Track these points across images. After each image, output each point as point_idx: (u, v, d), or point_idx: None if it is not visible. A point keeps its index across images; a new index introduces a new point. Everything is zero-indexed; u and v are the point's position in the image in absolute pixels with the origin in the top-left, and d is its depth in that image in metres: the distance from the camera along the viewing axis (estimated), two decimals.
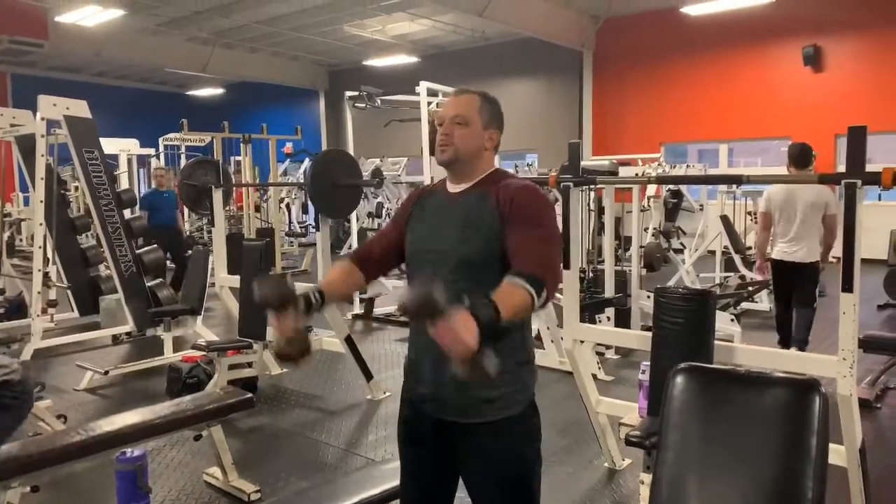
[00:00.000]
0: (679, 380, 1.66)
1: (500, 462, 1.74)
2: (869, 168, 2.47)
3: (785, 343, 5.16)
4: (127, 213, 6.50)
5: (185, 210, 10.73)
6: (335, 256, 6.84)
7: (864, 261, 2.58)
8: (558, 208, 2.86)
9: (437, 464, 1.83)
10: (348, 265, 1.90)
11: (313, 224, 11.38)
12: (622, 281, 5.96)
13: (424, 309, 1.38)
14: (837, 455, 2.62)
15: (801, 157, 4.78)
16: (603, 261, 6.26)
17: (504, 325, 1.44)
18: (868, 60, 11.37)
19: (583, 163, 3.91)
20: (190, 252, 6.80)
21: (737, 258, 7.74)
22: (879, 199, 11.06)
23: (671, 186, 9.63)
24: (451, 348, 1.38)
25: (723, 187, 8.58)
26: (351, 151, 6.24)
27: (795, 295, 5.00)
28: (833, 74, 11.64)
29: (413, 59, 14.95)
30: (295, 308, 1.66)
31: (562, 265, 1.70)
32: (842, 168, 2.54)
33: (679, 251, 8.76)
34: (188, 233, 10.48)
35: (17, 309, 6.83)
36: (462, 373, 1.40)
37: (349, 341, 4.57)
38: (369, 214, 13.35)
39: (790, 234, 4.88)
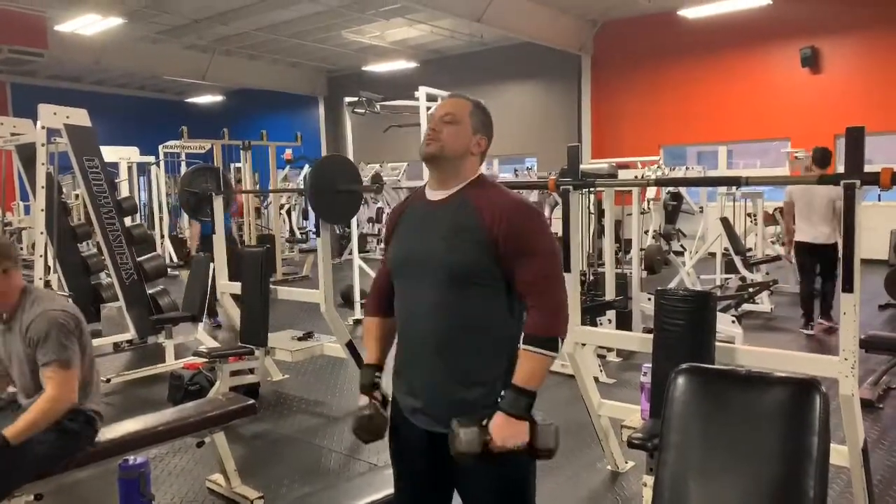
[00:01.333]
0: (680, 381, 1.67)
1: (493, 471, 1.71)
2: (868, 169, 2.47)
3: (808, 318, 6.37)
4: (127, 221, 6.51)
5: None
6: (336, 263, 6.83)
7: (864, 261, 2.59)
8: (558, 212, 2.87)
9: (430, 475, 1.82)
10: (374, 321, 1.94)
11: (314, 230, 11.39)
12: (623, 284, 5.96)
13: (468, 458, 1.61)
14: (840, 455, 2.62)
15: (822, 159, 6.08)
16: (603, 264, 6.26)
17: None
18: (866, 61, 11.40)
19: (582, 166, 3.92)
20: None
21: (737, 260, 7.73)
22: (879, 200, 11.04)
23: (671, 189, 9.65)
24: (511, 450, 1.61)
25: (722, 189, 8.57)
26: (351, 157, 6.25)
27: (821, 269, 6.27)
28: (831, 75, 11.67)
29: (412, 65, 14.98)
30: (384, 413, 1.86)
31: (566, 288, 1.79)
32: (841, 169, 2.54)
33: (679, 253, 8.78)
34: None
35: None
36: (532, 456, 1.67)
37: (350, 347, 4.57)
38: (370, 220, 13.35)
39: (810, 222, 6.10)
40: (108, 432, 2.87)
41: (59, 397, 2.44)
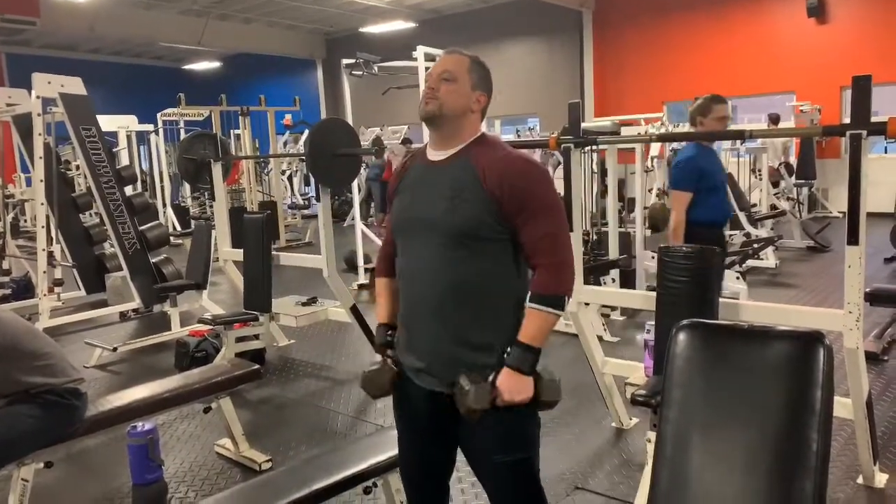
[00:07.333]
0: (682, 337, 1.65)
1: (496, 428, 1.71)
2: (874, 120, 2.42)
3: None
4: (128, 190, 6.48)
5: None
6: (337, 227, 6.79)
7: (870, 214, 2.55)
8: (561, 171, 2.83)
9: (434, 434, 1.83)
10: (384, 282, 1.94)
11: (315, 195, 11.33)
12: (626, 242, 5.94)
13: (477, 413, 1.64)
14: (844, 408, 2.63)
15: None
16: (607, 223, 6.23)
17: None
18: (873, 11, 11.14)
19: (584, 124, 3.86)
20: None
21: (742, 216, 7.68)
22: (886, 152, 10.95)
23: (675, 146, 9.52)
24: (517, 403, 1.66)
25: (727, 144, 8.48)
26: (350, 120, 6.18)
27: None
28: (838, 26, 11.42)
29: (410, 25, 14.73)
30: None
31: (571, 246, 1.79)
32: (847, 121, 2.49)
33: None
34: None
35: (25, 289, 6.86)
36: (536, 409, 1.73)
37: (355, 311, 4.58)
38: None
39: None
40: (116, 399, 2.91)
41: None
